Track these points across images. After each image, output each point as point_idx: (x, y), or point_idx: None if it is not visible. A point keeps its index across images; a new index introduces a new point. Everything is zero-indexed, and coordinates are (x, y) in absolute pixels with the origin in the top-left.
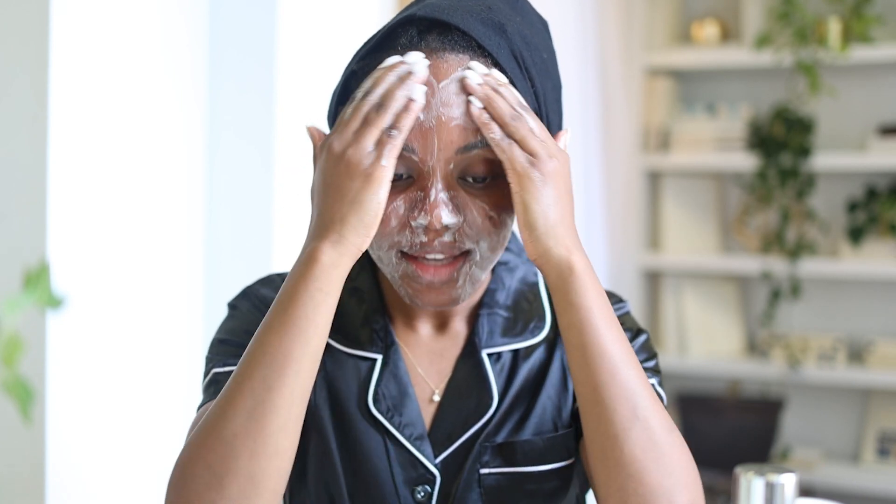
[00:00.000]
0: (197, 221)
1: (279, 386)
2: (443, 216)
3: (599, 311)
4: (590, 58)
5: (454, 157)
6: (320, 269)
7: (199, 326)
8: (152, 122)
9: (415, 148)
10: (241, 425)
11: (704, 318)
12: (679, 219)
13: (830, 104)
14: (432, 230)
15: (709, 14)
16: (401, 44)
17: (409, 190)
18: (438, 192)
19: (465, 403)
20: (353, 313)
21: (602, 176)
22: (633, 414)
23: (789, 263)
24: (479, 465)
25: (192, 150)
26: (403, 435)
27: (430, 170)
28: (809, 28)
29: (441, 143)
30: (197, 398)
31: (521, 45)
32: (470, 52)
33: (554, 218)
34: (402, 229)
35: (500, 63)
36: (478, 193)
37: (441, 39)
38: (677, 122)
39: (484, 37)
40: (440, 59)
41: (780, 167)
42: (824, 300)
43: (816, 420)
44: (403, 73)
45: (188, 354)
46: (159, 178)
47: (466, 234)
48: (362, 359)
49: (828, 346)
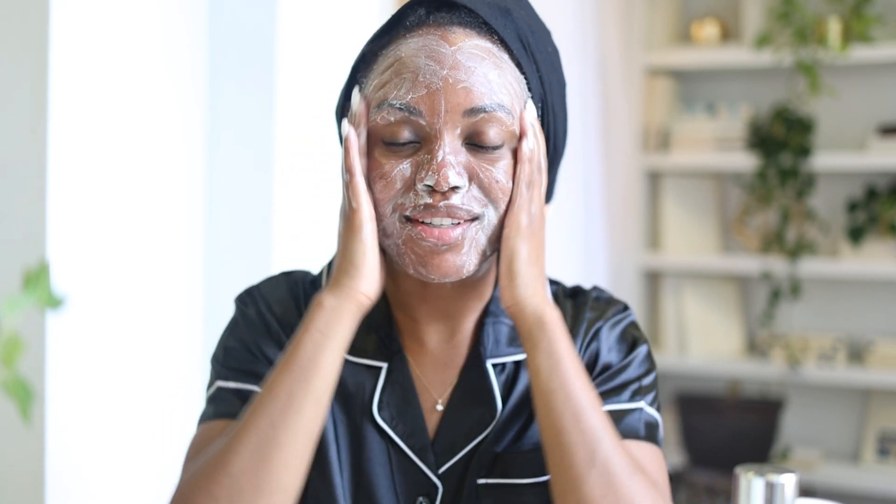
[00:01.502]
0: (197, 221)
1: (283, 425)
2: (450, 176)
3: (569, 359)
4: (590, 58)
5: (461, 121)
6: (321, 313)
7: (199, 326)
8: (152, 123)
9: (421, 111)
10: (247, 461)
11: (704, 317)
12: (679, 219)
13: (830, 104)
14: (439, 192)
15: (709, 14)
16: (409, 22)
17: (416, 154)
18: (446, 153)
19: (468, 414)
20: None
21: (602, 176)
22: (592, 458)
23: (789, 263)
24: (476, 476)
25: (191, 150)
26: (407, 444)
27: (436, 132)
28: (809, 28)
29: (448, 104)
30: (197, 398)
31: (526, 31)
32: (477, 29)
33: (534, 271)
34: (406, 191)
35: (505, 41)
36: (486, 159)
37: (449, 17)
38: (677, 121)
39: (490, 16)
40: (448, 31)
41: (780, 167)
42: (824, 300)
43: (816, 420)
44: None
45: (188, 354)
46: (159, 178)
47: (475, 198)
48: (368, 367)
49: (828, 346)
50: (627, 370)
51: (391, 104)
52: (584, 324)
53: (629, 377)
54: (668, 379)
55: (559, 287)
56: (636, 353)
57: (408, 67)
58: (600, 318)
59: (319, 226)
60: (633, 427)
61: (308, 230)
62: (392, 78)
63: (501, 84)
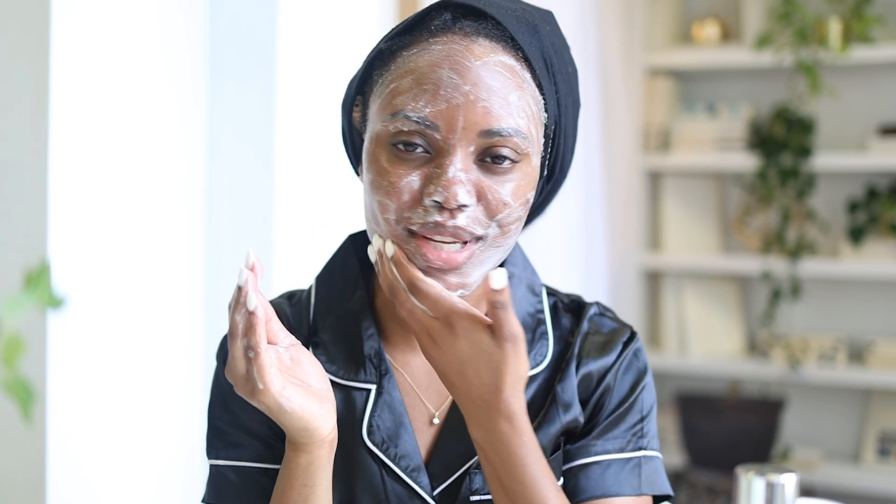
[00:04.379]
0: (197, 223)
1: None
2: (459, 194)
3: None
4: (590, 58)
5: (476, 140)
6: (299, 471)
7: (199, 326)
8: (152, 124)
9: (438, 125)
10: None
11: (705, 317)
12: (679, 219)
13: (831, 104)
14: (447, 209)
15: (709, 14)
16: (434, 26)
17: (425, 165)
18: (457, 170)
19: (465, 430)
20: (345, 340)
21: (602, 176)
22: None
23: (790, 263)
24: (469, 493)
25: (192, 151)
26: (399, 466)
27: (450, 148)
28: (810, 28)
29: (466, 121)
30: (196, 398)
31: (550, 50)
32: (502, 43)
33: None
34: (414, 205)
35: (529, 59)
36: (496, 177)
37: (475, 26)
38: (677, 122)
39: (517, 32)
40: (473, 42)
41: (780, 167)
42: (824, 300)
43: (817, 420)
44: (237, 288)
45: (188, 354)
46: (159, 179)
47: (478, 220)
48: (356, 389)
49: (828, 346)
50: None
51: (407, 116)
52: (582, 344)
53: (636, 419)
54: (668, 379)
55: (557, 298)
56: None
57: (429, 79)
58: (607, 349)
59: (321, 227)
60: (651, 480)
61: (309, 231)
62: (412, 87)
63: (520, 107)
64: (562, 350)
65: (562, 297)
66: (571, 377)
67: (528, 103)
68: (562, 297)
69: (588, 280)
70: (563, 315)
